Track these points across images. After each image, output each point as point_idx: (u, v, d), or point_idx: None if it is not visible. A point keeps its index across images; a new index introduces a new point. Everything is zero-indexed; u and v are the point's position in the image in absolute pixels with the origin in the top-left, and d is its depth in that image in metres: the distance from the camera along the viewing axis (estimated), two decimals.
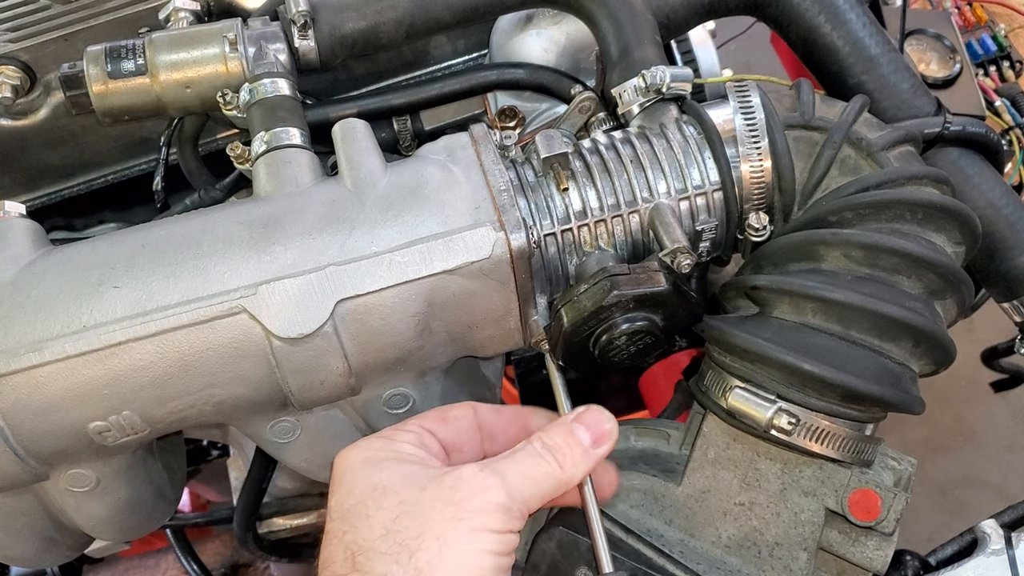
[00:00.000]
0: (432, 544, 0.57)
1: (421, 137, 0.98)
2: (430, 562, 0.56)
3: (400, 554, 0.57)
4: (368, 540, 0.58)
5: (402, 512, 0.58)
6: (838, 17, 0.81)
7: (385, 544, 0.58)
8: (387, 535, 0.58)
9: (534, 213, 0.71)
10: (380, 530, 0.58)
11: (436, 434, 0.66)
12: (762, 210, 0.74)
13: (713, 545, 0.72)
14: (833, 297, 0.68)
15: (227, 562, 2.09)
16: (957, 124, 0.80)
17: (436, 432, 0.66)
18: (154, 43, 0.80)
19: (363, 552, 0.58)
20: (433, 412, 0.68)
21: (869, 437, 0.71)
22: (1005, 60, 1.30)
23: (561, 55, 0.95)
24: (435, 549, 0.57)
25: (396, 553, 0.57)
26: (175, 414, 0.69)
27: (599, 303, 0.66)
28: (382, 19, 0.83)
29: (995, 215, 0.80)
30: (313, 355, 0.67)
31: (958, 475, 2.22)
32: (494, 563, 0.58)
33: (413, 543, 0.57)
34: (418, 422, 0.66)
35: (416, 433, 0.65)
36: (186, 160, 0.93)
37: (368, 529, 0.59)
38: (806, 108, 0.75)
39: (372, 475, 0.61)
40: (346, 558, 0.58)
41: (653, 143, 0.74)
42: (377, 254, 0.67)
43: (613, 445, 0.65)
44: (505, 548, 0.59)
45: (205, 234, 0.69)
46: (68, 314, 0.66)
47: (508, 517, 0.59)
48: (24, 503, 0.75)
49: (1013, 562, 0.71)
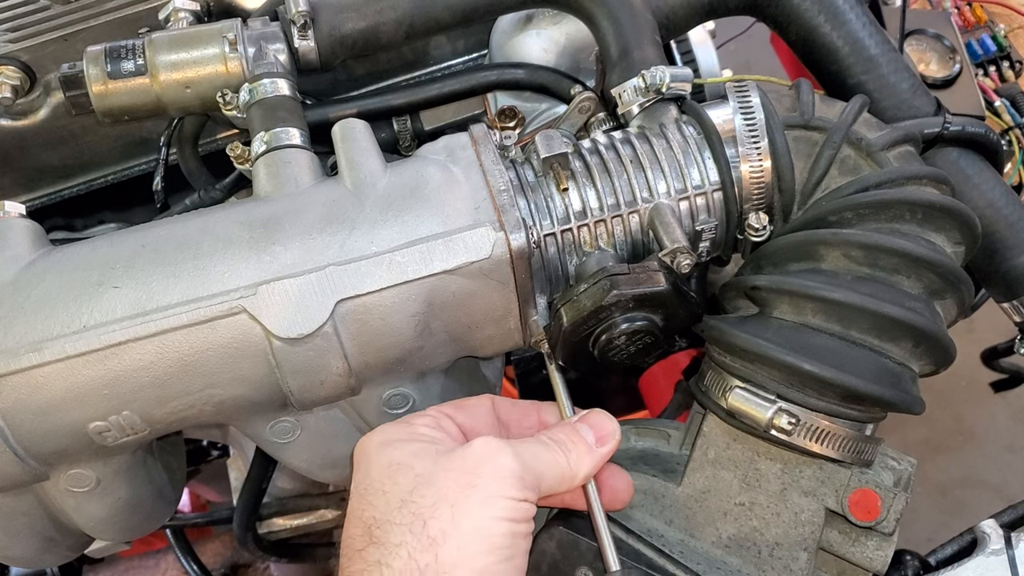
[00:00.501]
0: (446, 512, 0.57)
1: (421, 137, 0.98)
2: (443, 529, 0.57)
3: (414, 523, 0.57)
4: (385, 513, 0.59)
5: (418, 484, 0.59)
6: (838, 17, 0.81)
7: (401, 515, 0.58)
8: (403, 506, 0.58)
9: (534, 213, 0.71)
10: (396, 502, 0.59)
11: (454, 418, 0.67)
12: (762, 210, 0.74)
13: (713, 545, 0.72)
14: (833, 297, 0.68)
15: (227, 562, 2.08)
16: (957, 124, 0.80)
17: (454, 416, 0.67)
18: (154, 43, 0.80)
19: (379, 524, 0.59)
20: (451, 402, 0.69)
21: (869, 437, 0.71)
22: (1005, 60, 1.30)
23: (561, 55, 0.95)
24: (448, 516, 0.57)
25: (410, 523, 0.58)
26: (175, 414, 0.69)
27: (599, 303, 0.66)
28: (382, 19, 0.83)
29: (995, 215, 0.80)
30: (313, 355, 0.67)
31: (958, 475, 2.22)
32: (507, 529, 0.58)
33: (427, 512, 0.58)
34: (436, 408, 0.67)
35: (433, 416, 0.66)
36: (186, 160, 0.93)
37: (385, 504, 0.59)
38: (806, 108, 0.75)
39: (388, 454, 0.62)
40: (363, 532, 0.59)
41: (653, 143, 0.74)
42: (377, 254, 0.67)
43: (616, 446, 0.66)
44: (520, 515, 0.59)
45: (205, 234, 0.69)
46: (68, 314, 0.66)
47: (521, 484, 0.59)
48: (24, 503, 0.75)
49: (1013, 562, 0.71)
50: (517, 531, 0.59)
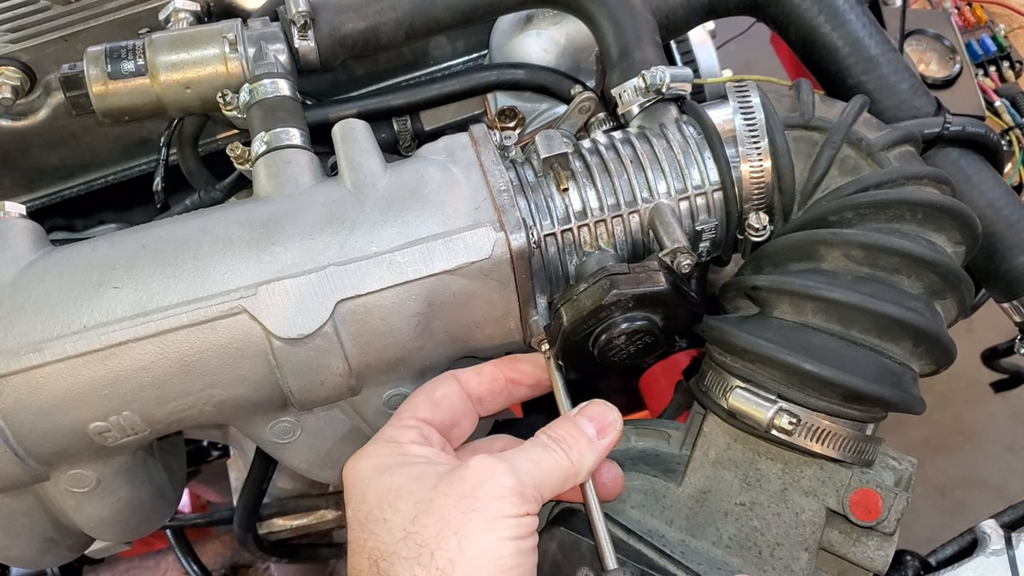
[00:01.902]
0: (451, 540, 0.57)
1: (421, 137, 0.98)
2: (451, 559, 0.57)
3: (421, 555, 0.57)
4: (389, 544, 0.59)
5: (419, 512, 0.59)
6: (838, 17, 0.81)
7: (406, 547, 0.58)
8: (407, 537, 0.58)
9: (534, 213, 0.71)
10: (400, 533, 0.58)
11: (432, 422, 0.67)
12: (762, 210, 0.74)
13: (714, 545, 0.72)
14: (833, 297, 0.68)
15: (227, 563, 2.08)
16: (957, 124, 0.80)
17: (432, 420, 0.67)
18: (154, 44, 0.80)
19: (386, 558, 0.58)
20: (422, 398, 0.68)
21: (870, 437, 0.71)
22: (1005, 60, 1.30)
23: (561, 55, 0.96)
24: (454, 544, 0.57)
25: (417, 555, 0.57)
26: (175, 414, 0.69)
27: (598, 302, 0.66)
28: (382, 20, 0.83)
29: (995, 215, 0.80)
30: (313, 355, 0.67)
31: (958, 475, 2.22)
32: (514, 548, 0.58)
33: (433, 542, 0.57)
34: (412, 413, 0.67)
35: (416, 428, 0.65)
36: (186, 161, 0.93)
37: (388, 533, 0.59)
38: (806, 108, 0.75)
39: (384, 480, 0.61)
40: (371, 565, 0.59)
41: (653, 143, 0.74)
42: (377, 254, 0.67)
43: (618, 436, 0.66)
44: (523, 531, 0.59)
45: (205, 234, 0.69)
46: (68, 314, 0.66)
47: (522, 500, 0.59)
48: (24, 504, 0.75)
49: (1013, 562, 0.71)
50: (523, 548, 0.59)
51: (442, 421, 0.67)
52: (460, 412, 0.69)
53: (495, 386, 0.70)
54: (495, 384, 0.70)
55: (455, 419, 0.68)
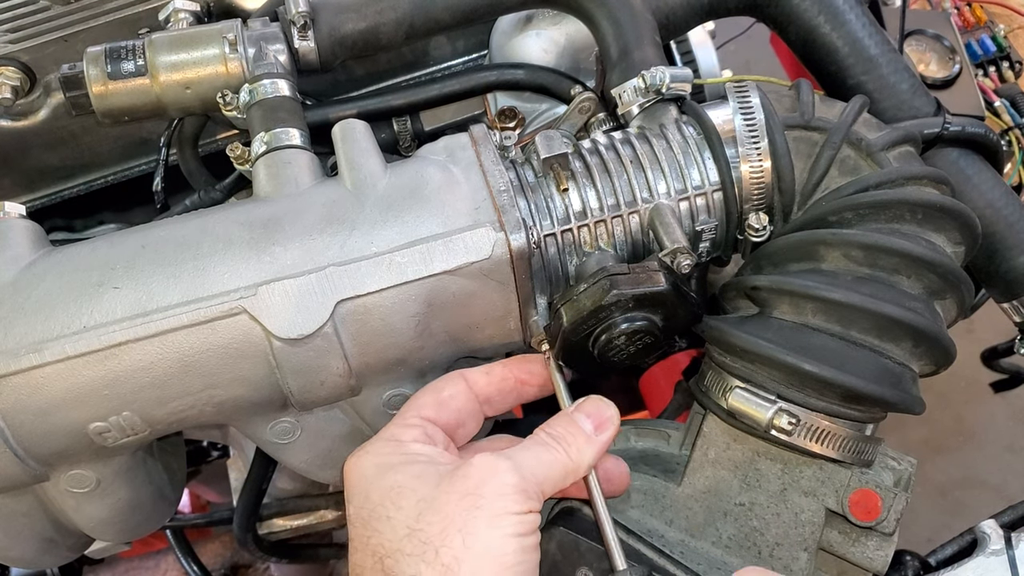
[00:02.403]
0: (455, 537, 0.57)
1: (421, 138, 0.98)
2: (456, 556, 0.57)
3: (426, 552, 0.57)
4: (393, 542, 0.59)
5: (423, 509, 0.59)
6: (837, 17, 0.81)
7: (411, 545, 0.58)
8: (411, 535, 0.58)
9: (534, 213, 0.71)
10: (404, 530, 0.59)
11: (437, 421, 0.66)
12: (762, 210, 0.74)
13: (714, 545, 0.72)
14: (833, 297, 0.68)
15: (227, 563, 2.08)
16: (956, 124, 0.80)
17: (437, 419, 0.66)
18: (154, 44, 0.80)
19: (390, 555, 0.58)
20: (428, 397, 0.68)
21: (869, 437, 0.71)
22: (1004, 60, 1.30)
23: (561, 56, 0.96)
24: (459, 542, 0.57)
25: (422, 552, 0.57)
26: (175, 415, 0.69)
27: (598, 302, 0.66)
28: (382, 20, 0.83)
29: (995, 215, 0.81)
30: (313, 356, 0.67)
31: (958, 475, 2.22)
32: (517, 545, 0.58)
33: (437, 539, 0.57)
34: (417, 412, 0.66)
35: (420, 427, 0.65)
36: (186, 161, 0.93)
37: (391, 531, 0.59)
38: (806, 108, 0.75)
39: (386, 477, 0.61)
40: (375, 563, 0.59)
41: (653, 143, 0.74)
42: (377, 255, 0.67)
43: (616, 432, 0.66)
44: (526, 528, 0.59)
45: (205, 235, 0.69)
46: (68, 315, 0.66)
47: (524, 497, 0.59)
48: (24, 504, 0.75)
49: (1013, 562, 0.71)
50: (527, 545, 0.59)
51: (447, 421, 0.67)
52: (466, 412, 0.68)
53: (504, 386, 0.70)
54: (504, 384, 0.70)
55: (460, 419, 0.68)
